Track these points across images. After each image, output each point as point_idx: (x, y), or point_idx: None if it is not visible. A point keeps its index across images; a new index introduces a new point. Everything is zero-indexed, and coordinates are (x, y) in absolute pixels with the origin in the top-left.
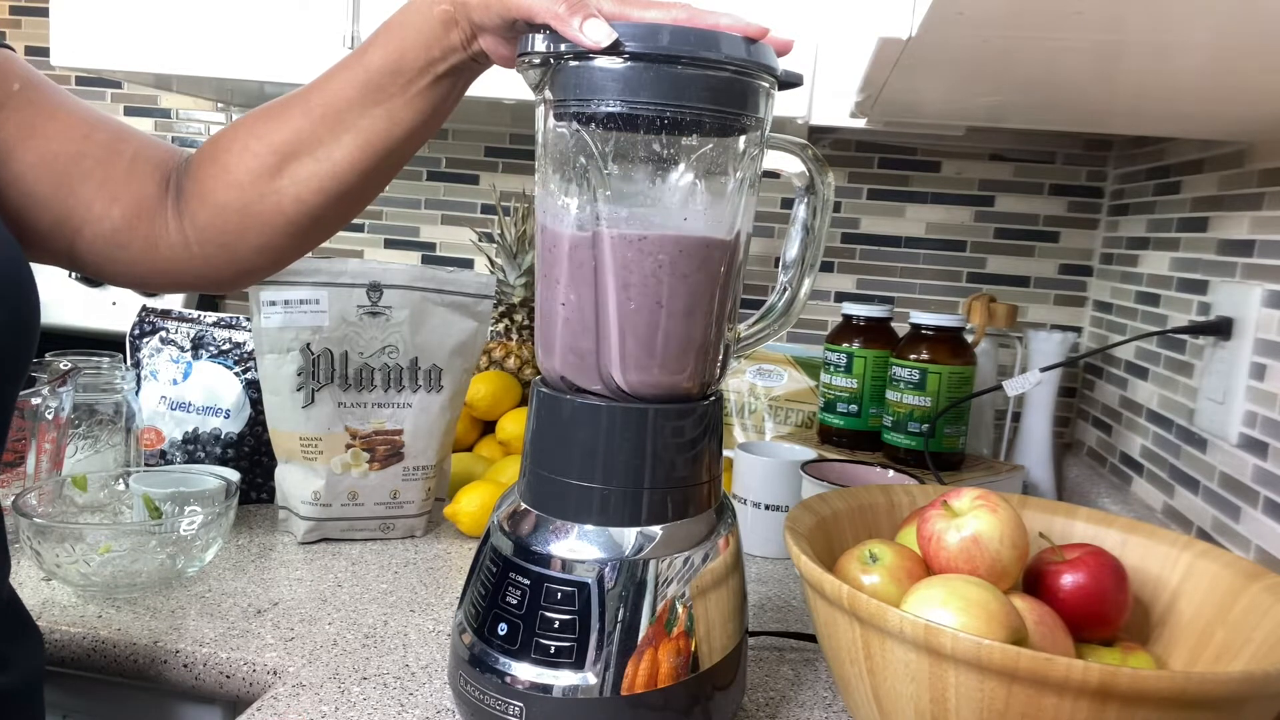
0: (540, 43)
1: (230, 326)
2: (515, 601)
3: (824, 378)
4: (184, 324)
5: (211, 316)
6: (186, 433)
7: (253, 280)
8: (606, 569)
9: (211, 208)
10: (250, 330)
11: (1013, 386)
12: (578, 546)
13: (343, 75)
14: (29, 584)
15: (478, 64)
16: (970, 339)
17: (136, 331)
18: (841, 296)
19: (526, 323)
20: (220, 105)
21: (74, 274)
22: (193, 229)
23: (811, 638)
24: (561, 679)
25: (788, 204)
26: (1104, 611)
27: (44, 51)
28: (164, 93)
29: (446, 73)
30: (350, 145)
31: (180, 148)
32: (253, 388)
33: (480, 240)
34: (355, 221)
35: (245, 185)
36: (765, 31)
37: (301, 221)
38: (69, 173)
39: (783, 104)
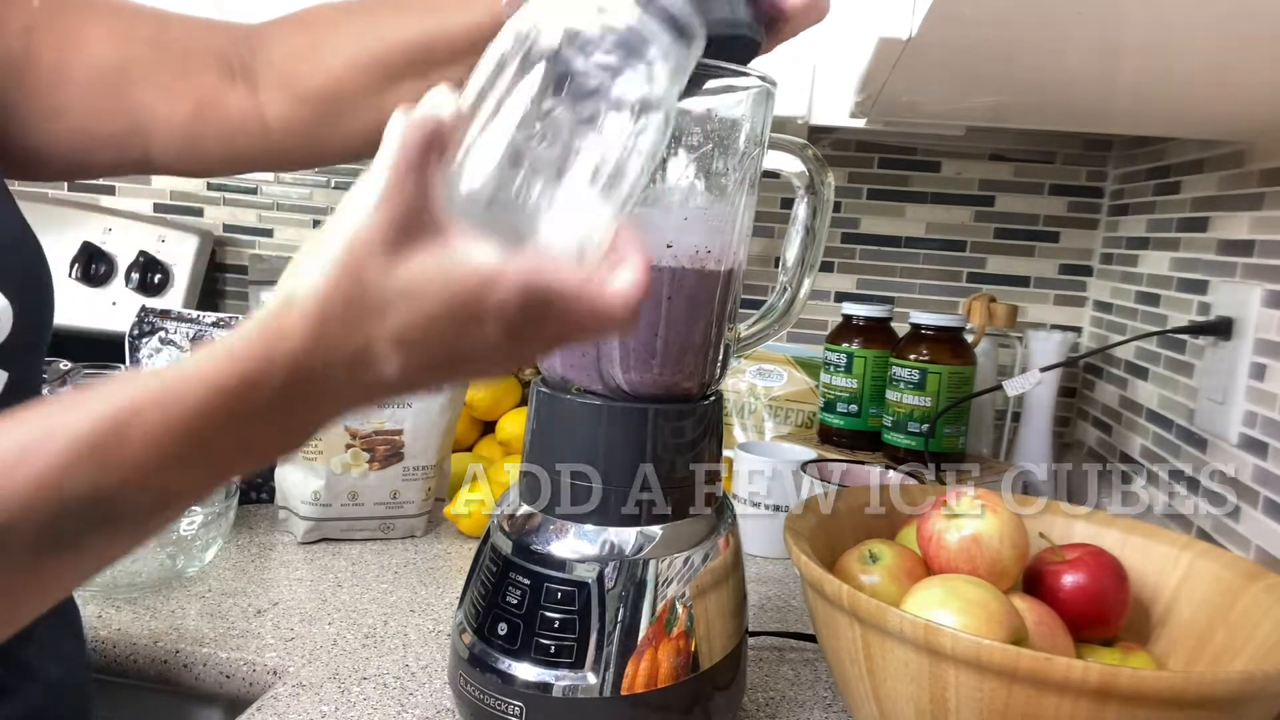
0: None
1: (230, 326)
2: (515, 601)
3: (824, 378)
4: (183, 324)
5: (211, 316)
6: None
7: (329, 164)
8: (606, 569)
9: (304, 104)
10: None
11: (1013, 386)
12: (578, 546)
13: (458, 15)
14: None
15: None
16: (970, 339)
17: (136, 332)
18: (841, 296)
19: None
20: None
21: (73, 274)
22: (276, 120)
23: (811, 638)
24: (561, 679)
25: (788, 204)
26: (1104, 611)
27: None
28: None
29: None
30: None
31: (231, 24)
32: None
33: None
34: None
35: (345, 95)
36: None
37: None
38: (120, 83)
39: (783, 104)
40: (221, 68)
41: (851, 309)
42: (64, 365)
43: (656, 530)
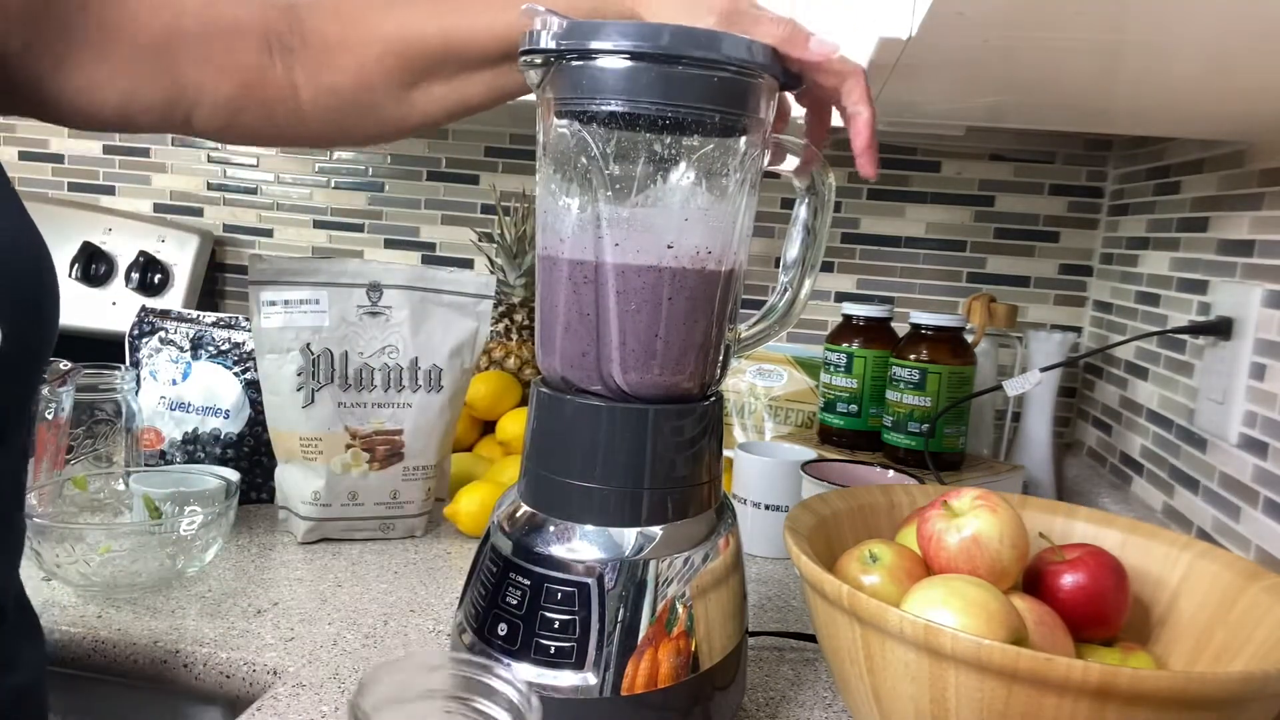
0: (543, 41)
1: (230, 326)
2: (515, 602)
3: (824, 378)
4: (183, 324)
5: (211, 316)
6: (186, 433)
7: (356, 146)
8: (606, 569)
9: (332, 94)
10: (250, 330)
11: (1013, 386)
12: (578, 546)
13: (486, 16)
14: (29, 584)
15: None
16: (970, 339)
17: (136, 332)
18: (841, 296)
19: (526, 323)
20: None
21: (74, 274)
22: (310, 104)
23: (811, 638)
24: (561, 679)
25: (788, 204)
26: (1104, 611)
27: None
28: None
29: None
30: (483, 85)
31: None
32: (252, 388)
33: (480, 240)
34: (355, 221)
35: (374, 88)
36: (837, 49)
37: (418, 127)
38: (166, 53)
39: None
40: (263, 45)
41: (851, 309)
42: (64, 365)
43: (656, 530)
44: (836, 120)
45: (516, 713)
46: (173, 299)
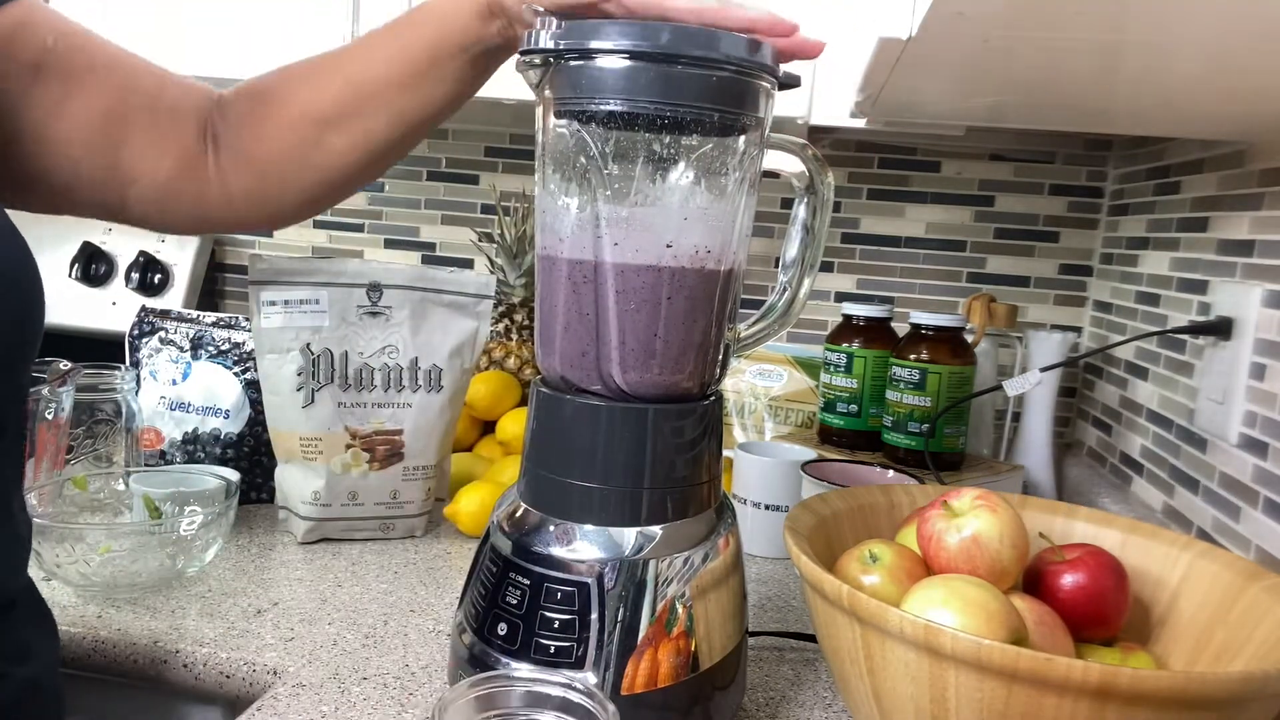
0: (542, 41)
1: (229, 326)
2: (515, 601)
3: (824, 378)
4: (183, 324)
5: (210, 316)
6: (186, 433)
7: (288, 224)
8: (606, 569)
9: (251, 170)
10: (249, 330)
11: (1013, 386)
12: (578, 546)
13: (379, 52)
14: None
15: (512, 48)
16: (970, 339)
17: (136, 332)
18: (841, 296)
19: (526, 323)
20: None
21: (74, 274)
22: (236, 185)
23: (811, 638)
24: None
25: (788, 204)
26: (1104, 611)
27: None
28: None
29: (481, 54)
30: (385, 120)
31: (208, 88)
32: (252, 388)
33: (480, 240)
34: (355, 221)
35: (285, 153)
36: (795, 28)
37: (336, 181)
38: (114, 128)
39: (783, 104)
40: (200, 131)
41: (851, 309)
42: (64, 365)
43: (656, 530)
44: (836, 120)
45: None
46: (173, 299)
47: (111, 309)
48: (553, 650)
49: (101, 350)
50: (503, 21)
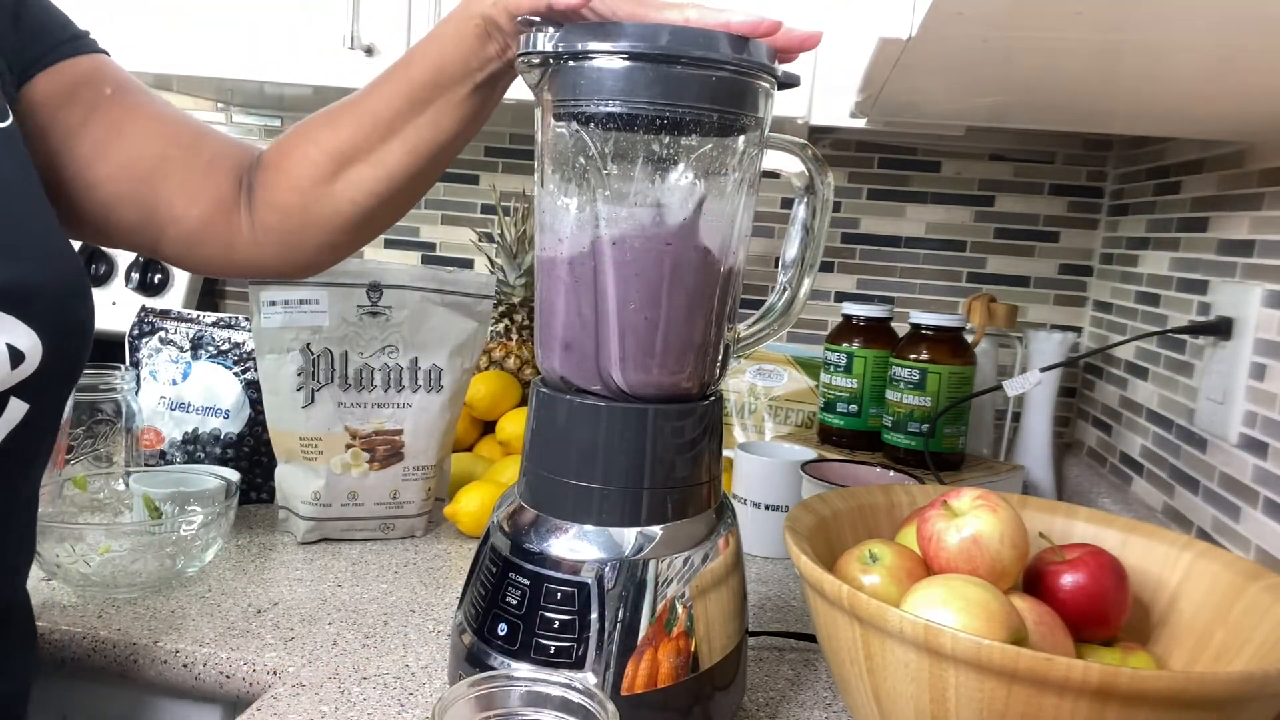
0: (541, 42)
1: (229, 326)
2: (515, 601)
3: (824, 378)
4: (183, 324)
5: (210, 316)
6: (186, 433)
7: (315, 272)
8: (606, 569)
9: (276, 211)
10: (250, 330)
11: (1013, 386)
12: (578, 546)
13: (389, 86)
14: (29, 584)
15: (515, 71)
16: (970, 339)
17: (136, 332)
18: (841, 296)
19: (526, 323)
20: (220, 105)
21: None
22: (261, 229)
23: (811, 638)
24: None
25: (788, 204)
26: (1104, 611)
27: None
28: (164, 92)
29: (485, 80)
30: (399, 151)
31: (252, 145)
32: (252, 388)
33: (480, 240)
34: None
35: (305, 190)
36: (778, 26)
37: (357, 220)
38: (153, 173)
39: (783, 104)
40: (235, 179)
41: (851, 309)
42: None
43: (656, 530)
44: (836, 120)
45: None
46: (173, 299)
47: (112, 309)
48: (553, 650)
49: (101, 350)
50: (500, 43)
